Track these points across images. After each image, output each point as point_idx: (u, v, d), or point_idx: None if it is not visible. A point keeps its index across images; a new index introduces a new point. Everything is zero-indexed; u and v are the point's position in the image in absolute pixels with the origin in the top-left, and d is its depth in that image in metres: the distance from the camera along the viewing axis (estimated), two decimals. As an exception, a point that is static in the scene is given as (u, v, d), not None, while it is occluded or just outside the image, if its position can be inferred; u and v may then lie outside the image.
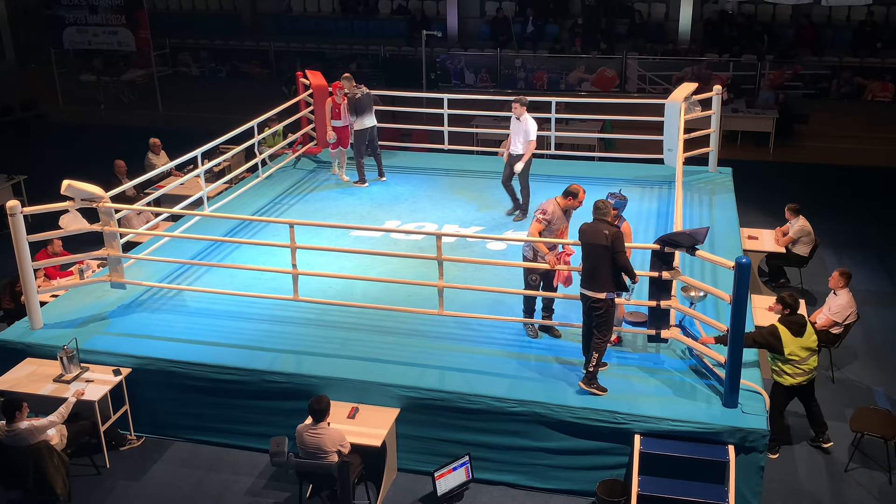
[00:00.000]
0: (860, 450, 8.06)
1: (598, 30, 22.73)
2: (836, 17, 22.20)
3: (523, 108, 10.96)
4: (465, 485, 7.62)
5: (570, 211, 8.19)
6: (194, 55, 25.35)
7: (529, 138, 10.91)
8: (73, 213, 10.85)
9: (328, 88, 13.49)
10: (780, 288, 11.14)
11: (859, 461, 8.00)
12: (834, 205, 14.19)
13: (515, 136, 11.05)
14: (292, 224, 8.68)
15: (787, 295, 7.93)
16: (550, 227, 8.02)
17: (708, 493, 6.93)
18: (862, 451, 8.07)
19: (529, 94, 20.43)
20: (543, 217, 7.98)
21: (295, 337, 8.51)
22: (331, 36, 25.07)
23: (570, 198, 8.08)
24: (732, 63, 20.73)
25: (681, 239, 7.50)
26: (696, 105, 11.90)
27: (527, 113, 10.98)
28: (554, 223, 8.02)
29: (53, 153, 18.16)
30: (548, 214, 7.98)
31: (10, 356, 8.46)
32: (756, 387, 7.37)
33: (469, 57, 22.29)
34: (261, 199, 12.11)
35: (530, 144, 10.94)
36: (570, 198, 8.08)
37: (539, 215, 8.01)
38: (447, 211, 11.69)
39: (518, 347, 8.24)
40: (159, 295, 9.45)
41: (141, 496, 7.72)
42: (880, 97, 20.23)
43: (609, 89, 21.24)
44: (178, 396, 8.27)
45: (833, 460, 8.05)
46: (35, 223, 10.06)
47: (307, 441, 7.03)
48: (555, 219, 8.01)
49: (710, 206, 11.53)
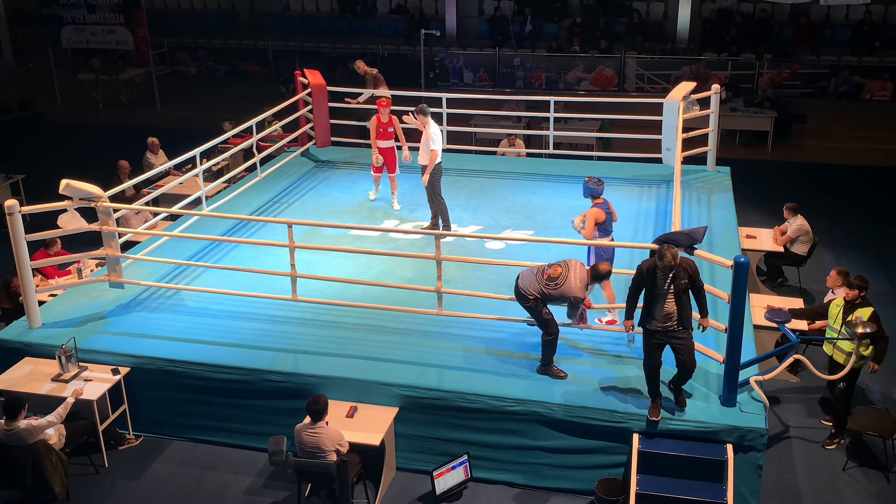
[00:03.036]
0: (858, 449, 8.07)
1: (597, 29, 22.74)
2: (835, 16, 22.22)
3: (424, 117, 10.39)
4: (463, 484, 7.62)
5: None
6: (192, 54, 25.36)
7: (431, 147, 10.32)
8: (71, 213, 10.83)
9: (326, 87, 13.50)
10: (778, 287, 11.16)
11: (857, 460, 8.01)
12: (832, 204, 14.19)
13: (422, 146, 10.50)
14: (291, 224, 8.68)
15: (856, 277, 8.09)
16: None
17: (706, 491, 6.94)
18: (860, 450, 8.08)
19: (528, 93, 20.63)
20: (586, 304, 7.72)
21: (293, 336, 8.51)
22: (329, 35, 25.08)
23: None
24: (731, 62, 20.75)
25: (679, 238, 7.50)
26: (694, 104, 11.91)
27: (431, 120, 10.42)
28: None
29: (51, 152, 18.14)
30: (587, 301, 7.68)
31: (9, 355, 8.45)
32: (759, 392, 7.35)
33: (468, 56, 22.30)
34: (259, 198, 12.10)
35: (432, 154, 10.32)
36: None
37: (584, 302, 7.65)
38: (446, 210, 11.68)
39: (516, 346, 8.24)
40: (158, 294, 9.45)
41: (139, 495, 7.72)
42: (878, 96, 20.26)
43: (607, 88, 21.25)
44: (176, 396, 8.27)
45: (831, 459, 8.06)
46: (33, 222, 10.06)
47: (306, 440, 7.03)
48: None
49: (709, 206, 11.54)
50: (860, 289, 7.99)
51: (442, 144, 10.65)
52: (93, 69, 22.67)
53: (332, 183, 12.86)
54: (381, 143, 11.60)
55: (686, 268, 6.93)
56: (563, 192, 12.25)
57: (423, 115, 10.46)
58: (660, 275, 6.90)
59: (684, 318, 6.96)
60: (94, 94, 22.33)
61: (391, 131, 11.58)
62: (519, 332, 8.44)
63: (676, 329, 6.98)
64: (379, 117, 11.52)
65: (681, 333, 6.99)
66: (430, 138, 10.37)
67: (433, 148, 10.34)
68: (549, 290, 7.50)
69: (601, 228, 8.38)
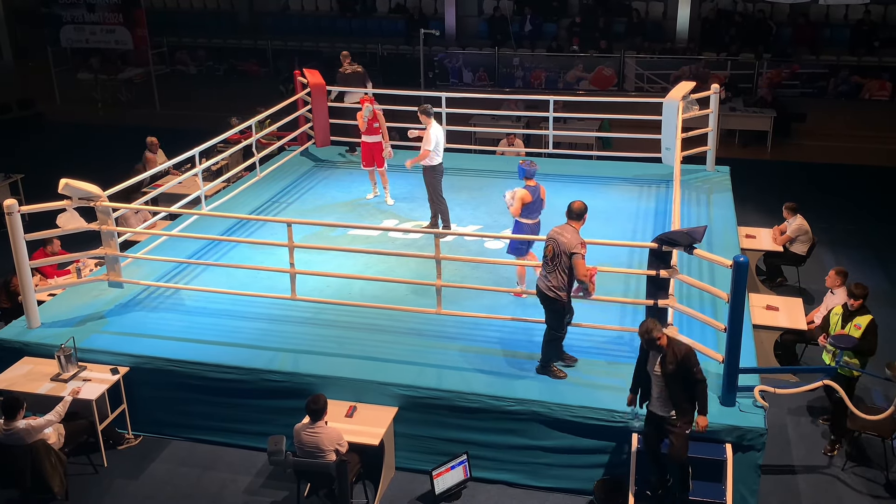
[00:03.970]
0: (858, 449, 8.07)
1: (596, 28, 22.73)
2: (834, 15, 22.21)
3: (427, 118, 10.49)
4: (462, 483, 7.62)
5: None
6: (192, 54, 25.34)
7: (425, 147, 10.39)
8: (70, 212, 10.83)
9: (326, 87, 13.50)
10: (777, 287, 11.16)
11: (857, 460, 8.00)
12: (831, 203, 14.20)
13: (422, 145, 10.55)
14: (290, 223, 8.68)
15: (856, 286, 7.96)
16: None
17: (705, 491, 6.94)
18: (860, 450, 8.08)
19: (527, 92, 20.62)
20: (584, 252, 7.40)
21: (292, 336, 8.51)
22: (328, 34, 25.04)
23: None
24: (730, 62, 20.74)
25: (679, 238, 7.51)
26: (693, 104, 11.91)
27: (433, 121, 10.52)
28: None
29: (51, 152, 18.12)
30: (584, 247, 7.41)
31: (8, 355, 8.45)
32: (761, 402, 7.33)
33: (467, 56, 22.29)
34: (258, 197, 12.10)
35: (424, 152, 10.40)
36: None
37: (582, 251, 7.36)
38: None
39: (516, 346, 8.23)
40: (157, 294, 9.44)
41: (138, 495, 7.72)
42: (878, 96, 20.25)
43: (607, 88, 21.25)
44: (175, 395, 8.27)
45: (830, 459, 8.06)
46: (32, 222, 10.05)
47: (305, 440, 7.03)
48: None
49: (708, 205, 11.54)
50: (861, 297, 7.91)
51: (443, 145, 10.67)
52: (92, 69, 22.66)
53: (332, 182, 12.86)
54: (368, 139, 11.81)
55: (677, 352, 6.47)
56: (562, 192, 12.21)
57: (426, 115, 10.54)
58: (650, 352, 6.64)
59: (678, 406, 6.54)
60: (94, 94, 22.32)
61: (376, 126, 11.78)
62: (518, 331, 8.44)
63: (670, 417, 6.61)
64: (361, 114, 11.74)
65: (674, 422, 6.59)
66: (428, 138, 10.40)
67: (427, 147, 10.40)
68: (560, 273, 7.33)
69: (527, 209, 8.73)
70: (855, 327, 7.78)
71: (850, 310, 7.94)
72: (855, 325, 7.80)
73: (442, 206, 10.69)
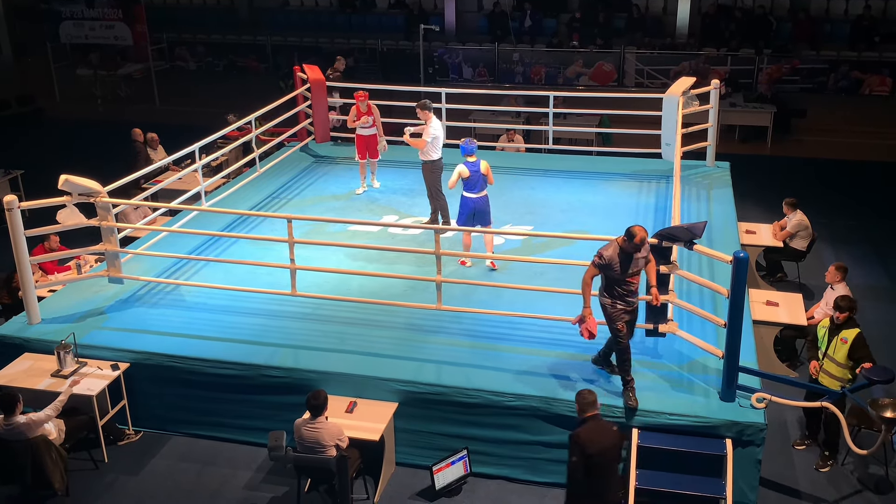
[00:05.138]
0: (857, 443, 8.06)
1: (596, 24, 22.71)
2: (834, 11, 22.22)
3: (426, 113, 10.48)
4: (463, 478, 7.63)
5: (635, 254, 7.09)
6: (191, 49, 25.32)
7: (424, 138, 10.40)
8: (70, 208, 10.85)
9: (326, 83, 13.49)
10: (777, 282, 11.16)
11: (856, 455, 8.00)
12: (831, 199, 14.20)
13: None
14: (290, 219, 8.68)
15: (842, 298, 7.76)
16: (612, 274, 7.10)
17: (705, 486, 6.95)
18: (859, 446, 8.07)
19: (527, 88, 20.60)
20: (599, 261, 7.10)
21: (293, 331, 8.51)
22: (328, 30, 25.03)
23: (626, 239, 7.08)
24: (730, 57, 20.73)
25: (679, 233, 7.51)
26: (693, 99, 11.91)
27: (433, 116, 10.51)
28: (615, 268, 7.06)
29: (50, 148, 18.11)
30: (604, 259, 7.07)
31: (8, 351, 8.45)
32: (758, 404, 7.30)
33: (467, 51, 22.28)
34: (258, 193, 12.09)
35: (421, 140, 10.40)
36: (626, 238, 7.08)
37: (595, 259, 7.14)
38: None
39: (516, 342, 8.24)
40: (157, 290, 9.44)
41: (139, 490, 7.73)
42: (878, 91, 20.25)
43: (607, 84, 21.24)
44: (176, 391, 8.27)
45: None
46: (32, 218, 10.05)
47: (305, 435, 7.04)
48: (614, 263, 7.05)
49: (708, 201, 11.54)
50: (847, 310, 7.70)
51: (442, 140, 10.66)
52: (91, 65, 22.63)
53: (332, 178, 12.85)
54: (363, 131, 12.04)
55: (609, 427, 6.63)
56: (562, 188, 12.26)
57: (425, 110, 10.55)
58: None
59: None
60: (93, 90, 22.29)
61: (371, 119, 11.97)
62: (518, 327, 8.45)
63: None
64: (358, 107, 11.89)
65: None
66: (427, 133, 10.41)
67: (425, 138, 10.41)
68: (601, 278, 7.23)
69: (467, 183, 9.43)
70: (841, 341, 7.62)
71: (837, 323, 7.73)
72: (841, 339, 7.63)
73: (441, 201, 10.70)
